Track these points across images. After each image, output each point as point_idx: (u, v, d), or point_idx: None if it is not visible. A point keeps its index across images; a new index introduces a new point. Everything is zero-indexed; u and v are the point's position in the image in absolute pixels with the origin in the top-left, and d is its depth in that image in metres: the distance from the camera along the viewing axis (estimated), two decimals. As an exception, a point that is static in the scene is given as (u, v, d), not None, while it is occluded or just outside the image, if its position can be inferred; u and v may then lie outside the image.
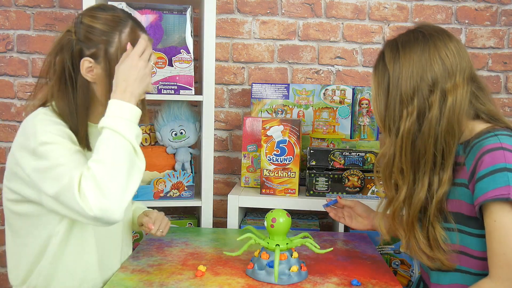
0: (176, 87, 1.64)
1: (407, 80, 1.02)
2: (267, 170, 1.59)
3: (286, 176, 1.59)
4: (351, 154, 1.60)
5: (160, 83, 1.62)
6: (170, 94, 1.64)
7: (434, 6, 2.00)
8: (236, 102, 2.03)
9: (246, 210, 1.85)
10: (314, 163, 1.61)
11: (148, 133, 1.79)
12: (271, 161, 1.58)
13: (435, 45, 1.03)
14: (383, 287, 1.13)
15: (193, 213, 1.98)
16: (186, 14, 1.63)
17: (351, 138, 1.80)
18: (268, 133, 1.58)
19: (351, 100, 1.80)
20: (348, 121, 1.80)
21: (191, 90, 1.65)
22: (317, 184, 1.60)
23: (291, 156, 1.57)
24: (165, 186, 1.65)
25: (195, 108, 1.87)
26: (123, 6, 1.57)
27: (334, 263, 1.28)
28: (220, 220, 1.98)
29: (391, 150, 1.06)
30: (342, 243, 1.46)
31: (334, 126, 1.81)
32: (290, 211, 1.31)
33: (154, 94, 1.61)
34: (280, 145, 1.57)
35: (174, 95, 1.64)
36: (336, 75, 2.03)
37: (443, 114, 1.00)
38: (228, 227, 1.61)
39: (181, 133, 1.72)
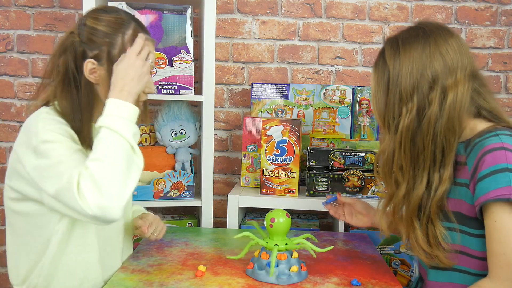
0: (176, 87, 1.64)
1: (407, 77, 1.02)
2: (267, 170, 1.59)
3: (286, 176, 1.59)
4: (351, 154, 1.60)
5: (160, 83, 1.62)
6: (170, 94, 1.64)
7: (434, 6, 2.00)
8: (236, 102, 2.03)
9: (246, 210, 1.85)
10: (314, 163, 1.61)
11: (148, 133, 1.78)
12: (271, 161, 1.58)
13: (436, 41, 1.02)
14: (383, 287, 1.13)
15: (193, 213, 1.98)
16: (186, 14, 1.63)
17: (351, 138, 1.80)
18: (268, 133, 1.58)
19: (351, 100, 1.80)
20: (348, 121, 1.80)
21: (191, 90, 1.65)
22: (317, 184, 1.60)
23: (291, 156, 1.57)
24: (165, 186, 1.65)
25: (195, 108, 1.86)
26: (123, 6, 1.57)
27: (334, 263, 1.28)
28: (220, 220, 1.98)
29: (390, 147, 1.06)
30: (342, 243, 1.46)
31: (334, 126, 1.81)
32: (290, 211, 1.31)
33: (154, 94, 1.61)
34: (280, 145, 1.57)
35: (174, 95, 1.64)
36: (336, 75, 2.02)
37: (443, 111, 1.00)
38: (228, 227, 1.61)
39: (181, 133, 1.72)
